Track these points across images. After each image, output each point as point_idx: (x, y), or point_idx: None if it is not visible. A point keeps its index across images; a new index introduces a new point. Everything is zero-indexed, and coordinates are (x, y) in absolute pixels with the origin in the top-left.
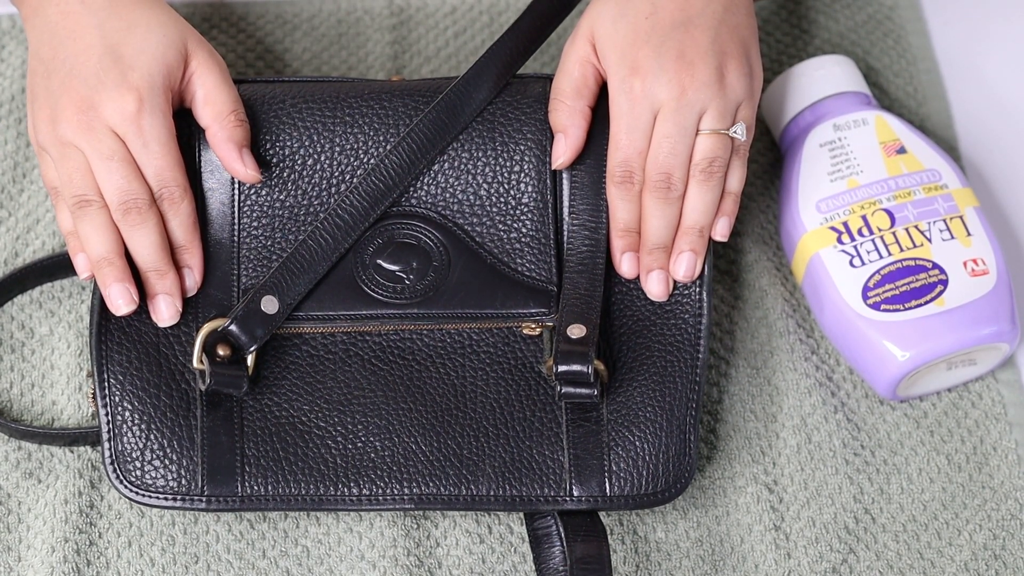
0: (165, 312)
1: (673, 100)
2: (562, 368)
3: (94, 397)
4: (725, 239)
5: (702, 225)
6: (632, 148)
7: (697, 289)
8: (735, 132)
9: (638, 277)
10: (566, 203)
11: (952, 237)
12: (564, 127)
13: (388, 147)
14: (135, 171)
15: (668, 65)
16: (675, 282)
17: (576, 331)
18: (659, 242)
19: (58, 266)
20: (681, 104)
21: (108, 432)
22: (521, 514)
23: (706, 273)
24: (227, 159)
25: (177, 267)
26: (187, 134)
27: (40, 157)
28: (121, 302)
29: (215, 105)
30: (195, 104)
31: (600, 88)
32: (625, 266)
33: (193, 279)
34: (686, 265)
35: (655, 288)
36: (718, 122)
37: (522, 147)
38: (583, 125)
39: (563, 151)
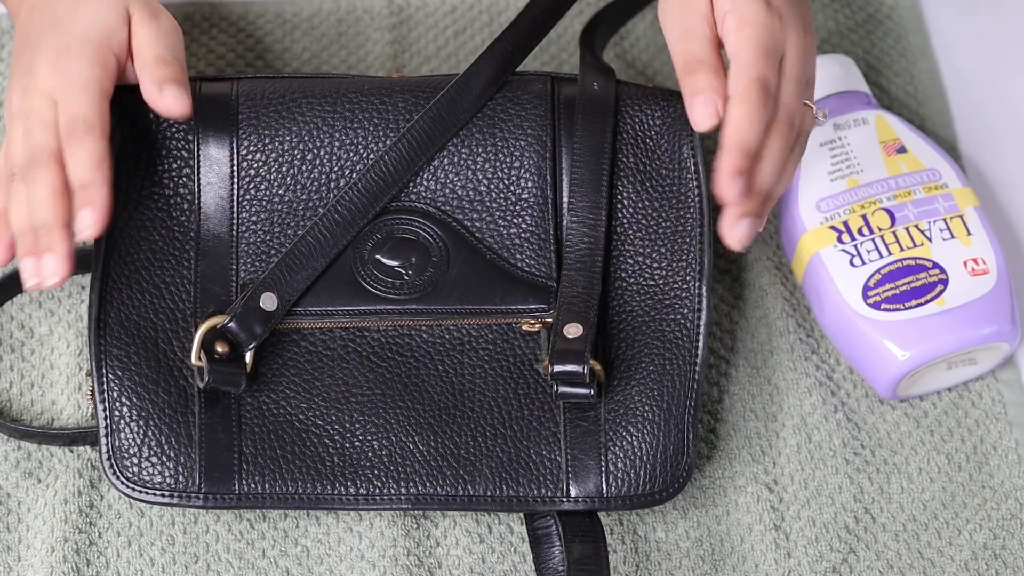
0: (47, 270)
1: (802, 52)
2: (557, 368)
3: (92, 395)
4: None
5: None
6: (771, 71)
7: (696, 285)
8: (818, 114)
9: (638, 274)
10: (565, 200)
11: (952, 236)
12: (711, 88)
13: (387, 143)
14: (47, 125)
15: (798, 21)
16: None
17: (573, 330)
18: (767, 188)
19: None
20: (807, 62)
21: (105, 428)
22: (521, 514)
23: (705, 269)
24: (150, 99)
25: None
26: (184, 128)
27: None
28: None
29: (141, 55)
30: (132, 53)
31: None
32: (729, 189)
33: (92, 218)
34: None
35: (743, 232)
36: (811, 97)
37: (522, 143)
38: (724, 83)
39: (711, 112)
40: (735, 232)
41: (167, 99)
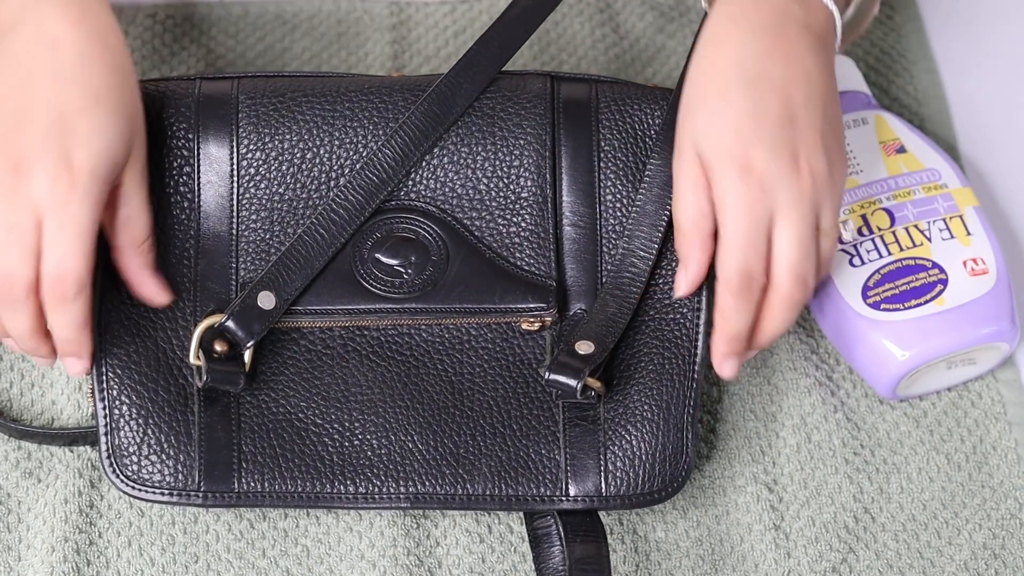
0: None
1: (795, 202)
2: (552, 376)
3: (92, 393)
4: None
5: None
6: (754, 251)
7: None
8: (845, 229)
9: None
10: (564, 199)
11: (952, 236)
12: (684, 257)
13: (381, 140)
14: (29, 253)
15: (784, 165)
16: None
17: (584, 347)
18: (767, 343)
19: None
20: (804, 206)
21: (105, 426)
22: (521, 513)
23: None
24: (143, 286)
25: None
26: (185, 127)
27: None
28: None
29: (134, 229)
30: (115, 218)
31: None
32: (728, 370)
33: (80, 367)
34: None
35: (734, 368)
36: (832, 220)
37: (521, 142)
38: (703, 259)
39: (682, 283)
40: (726, 367)
41: (166, 291)
